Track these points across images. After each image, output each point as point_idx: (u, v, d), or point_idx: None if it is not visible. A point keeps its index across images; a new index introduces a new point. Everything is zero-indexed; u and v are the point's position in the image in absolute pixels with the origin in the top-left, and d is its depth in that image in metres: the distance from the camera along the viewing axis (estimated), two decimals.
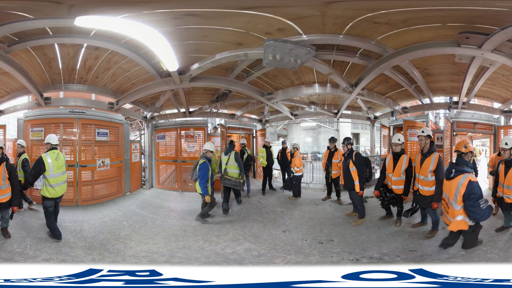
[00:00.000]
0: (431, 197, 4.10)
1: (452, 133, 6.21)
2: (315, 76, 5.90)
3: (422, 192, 4.19)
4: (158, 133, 7.45)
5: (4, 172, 4.00)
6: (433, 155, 4.10)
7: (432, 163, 4.08)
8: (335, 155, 6.23)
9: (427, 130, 4.32)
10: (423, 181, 4.16)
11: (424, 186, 4.16)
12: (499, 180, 4.22)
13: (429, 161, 4.13)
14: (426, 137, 4.25)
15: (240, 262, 3.58)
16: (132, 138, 9.22)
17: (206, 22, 3.84)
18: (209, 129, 7.43)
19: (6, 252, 3.67)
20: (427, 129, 4.35)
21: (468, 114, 6.40)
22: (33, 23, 3.53)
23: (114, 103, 6.16)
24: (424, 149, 4.22)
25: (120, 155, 6.60)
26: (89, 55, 4.74)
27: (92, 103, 6.38)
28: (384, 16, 3.63)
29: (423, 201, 4.20)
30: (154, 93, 6.08)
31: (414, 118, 7.25)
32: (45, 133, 5.80)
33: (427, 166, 4.12)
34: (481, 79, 5.13)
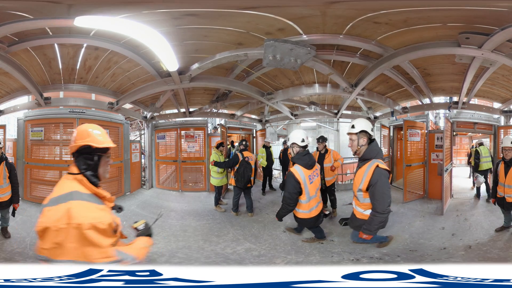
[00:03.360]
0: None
1: (452, 133, 6.21)
2: (315, 76, 5.89)
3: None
4: (158, 133, 7.45)
5: (4, 170, 4.01)
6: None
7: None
8: (326, 158, 5.37)
9: (360, 124, 3.08)
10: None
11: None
12: (499, 180, 4.23)
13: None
14: (358, 135, 3.06)
15: (240, 262, 3.58)
16: (132, 138, 9.22)
17: (206, 22, 3.83)
18: (209, 129, 7.43)
19: (6, 252, 3.67)
20: (361, 122, 3.12)
21: (468, 114, 6.41)
22: (33, 23, 3.53)
23: (114, 103, 6.15)
24: (358, 153, 3.11)
25: (120, 155, 6.60)
26: (89, 55, 4.74)
27: (92, 103, 6.38)
28: (385, 16, 3.63)
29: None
30: (154, 93, 6.08)
31: (414, 118, 7.26)
32: (45, 133, 5.80)
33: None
34: (481, 79, 5.13)
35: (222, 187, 5.96)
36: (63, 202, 1.52)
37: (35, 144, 5.85)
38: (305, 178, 3.58)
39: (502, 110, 6.36)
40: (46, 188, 5.71)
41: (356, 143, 3.09)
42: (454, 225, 4.60)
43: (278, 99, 6.44)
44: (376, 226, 3.00)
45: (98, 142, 1.72)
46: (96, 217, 1.54)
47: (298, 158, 3.64)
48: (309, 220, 3.74)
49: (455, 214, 5.06)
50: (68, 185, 1.62)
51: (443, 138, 5.51)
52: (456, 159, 11.35)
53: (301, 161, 3.62)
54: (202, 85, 5.86)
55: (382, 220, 2.96)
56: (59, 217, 1.48)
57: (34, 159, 5.83)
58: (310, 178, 3.63)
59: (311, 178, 3.64)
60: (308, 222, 3.78)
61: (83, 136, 1.71)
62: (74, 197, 1.55)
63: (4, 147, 4.54)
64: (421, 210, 5.41)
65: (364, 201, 3.06)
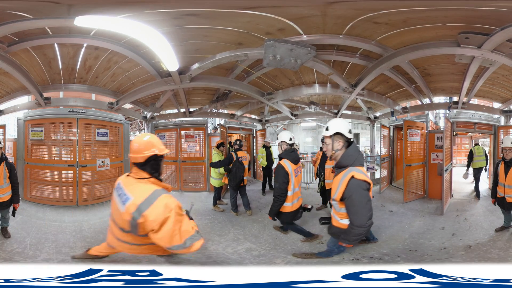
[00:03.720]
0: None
1: (452, 133, 6.21)
2: (315, 76, 5.90)
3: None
4: (158, 133, 7.45)
5: (4, 170, 4.02)
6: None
7: None
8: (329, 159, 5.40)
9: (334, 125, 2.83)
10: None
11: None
12: (499, 180, 4.23)
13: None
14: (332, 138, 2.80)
15: (240, 262, 3.58)
16: (132, 138, 9.22)
17: (207, 22, 3.84)
18: (209, 129, 7.42)
19: (6, 252, 3.67)
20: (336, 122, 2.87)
21: (468, 114, 6.41)
22: (33, 23, 3.53)
23: (114, 103, 6.16)
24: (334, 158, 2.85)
25: (120, 155, 6.59)
26: (89, 55, 4.74)
27: (92, 103, 6.38)
28: (384, 16, 3.63)
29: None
30: (154, 93, 6.08)
31: (414, 118, 7.26)
32: (45, 133, 5.80)
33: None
34: (481, 79, 5.13)
35: (222, 187, 5.97)
36: (155, 200, 2.04)
37: (35, 144, 5.85)
38: (292, 171, 3.75)
39: (502, 110, 6.37)
40: (46, 188, 5.71)
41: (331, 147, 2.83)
42: (454, 225, 4.60)
43: (278, 99, 6.45)
44: (355, 238, 2.84)
45: (160, 150, 2.29)
46: (177, 202, 2.13)
47: (286, 154, 3.85)
48: (289, 215, 3.81)
49: (455, 214, 5.06)
50: (148, 187, 2.14)
51: (443, 138, 5.51)
52: (456, 159, 11.37)
53: (289, 156, 3.81)
54: (202, 85, 5.87)
55: (360, 233, 2.78)
56: (162, 210, 2.01)
57: (34, 159, 5.83)
58: (295, 172, 3.82)
59: (296, 173, 3.84)
60: (288, 216, 3.84)
61: (149, 147, 2.22)
62: (159, 194, 2.09)
63: (4, 147, 4.54)
64: (421, 210, 5.40)
65: (340, 210, 2.88)
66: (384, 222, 4.85)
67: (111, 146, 6.40)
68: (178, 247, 2.11)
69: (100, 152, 6.13)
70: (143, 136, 2.28)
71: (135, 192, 2.13)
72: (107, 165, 6.19)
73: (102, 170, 6.07)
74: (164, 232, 2.03)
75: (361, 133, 16.34)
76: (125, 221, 2.19)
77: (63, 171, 5.74)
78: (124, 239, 2.38)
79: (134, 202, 2.09)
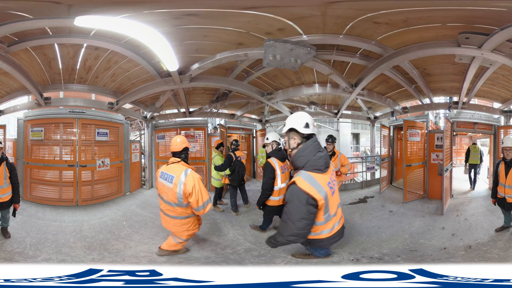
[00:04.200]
0: None
1: (452, 133, 6.21)
2: (315, 76, 5.90)
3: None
4: (158, 133, 7.45)
5: (5, 171, 4.02)
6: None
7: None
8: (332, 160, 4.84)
9: (289, 120, 2.69)
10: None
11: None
12: (500, 180, 4.23)
13: None
14: (288, 135, 2.72)
15: (240, 262, 3.58)
16: (132, 138, 9.22)
17: (206, 22, 3.84)
18: (209, 129, 7.43)
19: (6, 252, 3.68)
20: (292, 117, 2.72)
21: (468, 114, 6.40)
22: (33, 23, 3.53)
23: (114, 103, 6.15)
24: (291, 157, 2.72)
25: (120, 155, 6.60)
26: (89, 55, 4.74)
27: (92, 103, 6.38)
28: (385, 16, 3.63)
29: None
30: (154, 93, 6.08)
31: (414, 118, 7.26)
32: (45, 133, 5.80)
33: None
34: (481, 79, 5.13)
35: (223, 187, 5.97)
36: (187, 174, 3.24)
37: (35, 144, 5.85)
38: (278, 167, 4.04)
39: (502, 110, 6.36)
40: (46, 188, 5.71)
41: (287, 145, 2.62)
42: (454, 225, 4.60)
43: (278, 99, 6.45)
44: (279, 244, 2.86)
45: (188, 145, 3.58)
46: (198, 175, 3.31)
47: (274, 152, 4.18)
48: (275, 208, 4.10)
49: (455, 214, 5.06)
50: (181, 167, 3.32)
51: (443, 138, 5.51)
52: (456, 159, 11.38)
53: (276, 155, 4.12)
54: (202, 85, 5.86)
55: (284, 243, 2.71)
56: (192, 179, 3.20)
57: (34, 159, 5.83)
58: (282, 169, 4.09)
59: (283, 169, 4.12)
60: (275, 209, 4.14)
61: (184, 142, 3.52)
62: (189, 170, 3.30)
63: (4, 147, 4.54)
64: (421, 210, 5.41)
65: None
66: (384, 222, 4.86)
67: (111, 146, 6.41)
68: (199, 208, 3.25)
69: (100, 152, 6.13)
70: (179, 136, 3.59)
71: (175, 172, 3.31)
72: (107, 165, 6.19)
73: (102, 170, 6.07)
74: (195, 195, 3.19)
75: (361, 133, 16.34)
76: (174, 193, 3.29)
77: (63, 171, 5.75)
78: (174, 214, 3.43)
79: (177, 176, 3.27)
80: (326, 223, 2.74)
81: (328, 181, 2.58)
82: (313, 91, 6.24)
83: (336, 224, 2.89)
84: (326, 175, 2.57)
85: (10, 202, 4.10)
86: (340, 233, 2.98)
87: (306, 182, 2.43)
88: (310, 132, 2.58)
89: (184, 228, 3.46)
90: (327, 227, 2.79)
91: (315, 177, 2.47)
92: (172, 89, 5.82)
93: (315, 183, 2.45)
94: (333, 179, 2.72)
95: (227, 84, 5.71)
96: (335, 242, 3.03)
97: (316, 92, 6.30)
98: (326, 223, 2.74)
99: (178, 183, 3.23)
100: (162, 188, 3.40)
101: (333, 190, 2.68)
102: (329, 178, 2.61)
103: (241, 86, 5.80)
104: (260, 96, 6.22)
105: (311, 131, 2.58)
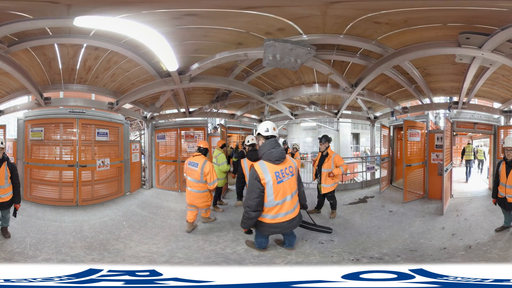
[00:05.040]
0: None
1: (452, 133, 6.21)
2: (315, 76, 5.89)
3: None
4: (158, 133, 7.45)
5: (6, 171, 4.02)
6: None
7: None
8: (325, 162, 4.95)
9: (258, 128, 3.60)
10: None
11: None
12: (500, 180, 4.23)
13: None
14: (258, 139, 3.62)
15: (240, 262, 3.58)
16: (132, 138, 9.22)
17: (206, 22, 3.83)
18: (209, 129, 7.42)
19: (6, 252, 3.68)
20: (260, 124, 3.60)
21: (468, 114, 6.40)
22: (33, 23, 3.53)
23: (114, 103, 6.15)
24: None
25: (120, 155, 6.60)
26: (89, 55, 4.74)
27: (92, 103, 6.38)
28: (385, 16, 3.63)
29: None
30: (154, 93, 6.08)
31: (414, 118, 7.26)
32: (45, 133, 5.80)
33: None
34: (481, 79, 5.13)
35: (223, 187, 5.97)
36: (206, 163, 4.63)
37: (35, 144, 5.85)
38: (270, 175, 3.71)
39: (502, 110, 6.36)
40: (46, 188, 5.71)
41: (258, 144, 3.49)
42: (454, 225, 4.60)
43: (278, 99, 6.44)
44: (244, 219, 3.37)
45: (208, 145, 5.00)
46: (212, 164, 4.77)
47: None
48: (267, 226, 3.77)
49: (455, 214, 5.06)
50: (202, 158, 4.71)
51: (443, 138, 5.51)
52: (456, 159, 11.40)
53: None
54: (202, 85, 5.86)
55: (246, 215, 3.32)
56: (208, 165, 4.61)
57: (34, 159, 5.83)
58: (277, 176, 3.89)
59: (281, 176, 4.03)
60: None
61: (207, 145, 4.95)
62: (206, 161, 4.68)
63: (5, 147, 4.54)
64: (421, 210, 5.41)
65: None
66: (384, 222, 4.86)
67: (111, 146, 6.41)
68: (211, 183, 4.63)
69: (100, 152, 6.13)
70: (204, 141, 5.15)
71: (199, 161, 4.68)
72: (107, 165, 6.19)
73: (102, 170, 6.07)
74: (210, 175, 4.60)
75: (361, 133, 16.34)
76: (198, 174, 4.62)
77: (63, 171, 5.75)
78: (196, 189, 4.68)
79: (200, 163, 4.63)
80: (270, 207, 3.34)
81: (276, 171, 3.31)
82: (313, 91, 6.24)
83: (281, 214, 3.39)
84: (277, 166, 3.32)
85: (10, 202, 4.10)
86: (284, 227, 3.45)
87: (259, 166, 3.30)
88: (269, 134, 3.44)
89: (204, 199, 4.73)
90: (271, 212, 3.36)
91: (266, 165, 3.31)
92: (172, 89, 5.82)
93: (264, 168, 3.29)
94: (285, 172, 3.37)
95: (227, 84, 5.71)
96: (274, 233, 3.59)
97: (316, 92, 6.30)
98: (270, 207, 3.34)
99: (201, 167, 4.61)
100: (190, 171, 4.71)
101: (280, 180, 3.33)
102: (278, 169, 3.32)
103: (241, 86, 5.79)
104: (260, 96, 6.22)
105: (270, 133, 3.44)
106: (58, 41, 4.23)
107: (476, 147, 11.07)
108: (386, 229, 4.59)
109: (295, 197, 3.48)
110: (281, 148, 3.39)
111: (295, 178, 3.48)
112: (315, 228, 4.29)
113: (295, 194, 3.48)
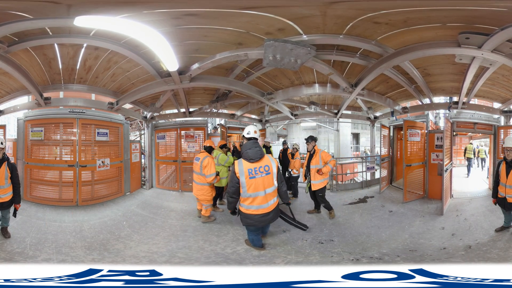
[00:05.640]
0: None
1: (452, 133, 6.21)
2: (315, 76, 5.90)
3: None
4: (158, 133, 7.45)
5: (6, 171, 4.01)
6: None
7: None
8: (313, 159, 5.10)
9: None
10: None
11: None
12: (500, 180, 4.23)
13: None
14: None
15: (240, 262, 3.58)
16: (132, 138, 9.22)
17: (206, 22, 3.83)
18: (209, 129, 7.42)
19: (6, 252, 3.68)
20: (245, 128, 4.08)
21: (468, 114, 6.40)
22: (33, 23, 3.53)
23: (114, 103, 6.15)
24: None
25: (120, 155, 6.60)
26: (89, 55, 4.74)
27: (92, 103, 6.38)
28: (385, 16, 3.63)
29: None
30: (154, 93, 6.08)
31: (414, 118, 7.26)
32: (45, 133, 5.80)
33: None
34: (481, 79, 5.13)
35: (223, 188, 5.97)
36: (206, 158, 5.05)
37: (35, 144, 5.85)
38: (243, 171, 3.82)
39: (502, 110, 6.36)
40: (46, 188, 5.71)
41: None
42: (454, 225, 4.60)
43: (278, 99, 6.44)
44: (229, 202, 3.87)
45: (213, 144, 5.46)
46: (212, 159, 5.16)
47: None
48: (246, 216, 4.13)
49: (455, 214, 5.06)
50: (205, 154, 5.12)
51: (443, 138, 5.51)
52: (456, 159, 11.49)
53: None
54: (202, 85, 5.86)
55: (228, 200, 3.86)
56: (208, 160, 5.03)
57: (34, 159, 5.83)
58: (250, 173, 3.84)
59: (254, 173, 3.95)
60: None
61: (212, 143, 5.40)
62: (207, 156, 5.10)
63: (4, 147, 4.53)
64: (421, 210, 5.41)
65: None
66: (384, 222, 4.86)
67: (111, 146, 6.41)
68: (208, 176, 4.94)
69: (100, 152, 6.13)
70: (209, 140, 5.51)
71: (201, 156, 5.10)
72: (107, 165, 6.19)
73: (102, 170, 6.08)
74: (208, 168, 4.95)
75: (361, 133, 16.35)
76: (198, 166, 5.05)
77: (63, 171, 5.75)
78: (199, 181, 5.09)
79: (201, 158, 5.06)
80: (244, 198, 3.75)
81: (250, 168, 3.70)
82: (313, 91, 6.24)
83: (253, 207, 3.73)
84: (252, 164, 3.71)
85: (10, 202, 4.10)
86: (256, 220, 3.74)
87: (237, 163, 3.77)
88: (250, 136, 3.95)
89: (203, 192, 5.06)
90: (245, 202, 3.76)
91: (243, 162, 3.74)
92: (172, 89, 5.82)
93: (240, 166, 3.73)
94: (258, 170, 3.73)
95: (227, 84, 5.71)
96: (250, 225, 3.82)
97: (316, 92, 6.30)
98: (244, 198, 3.75)
99: (201, 161, 5.03)
100: (194, 165, 5.18)
101: (253, 176, 3.71)
102: (252, 167, 3.71)
103: (241, 86, 5.79)
104: (260, 96, 6.22)
105: (251, 136, 3.95)
106: (58, 41, 4.23)
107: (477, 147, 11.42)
108: (386, 229, 4.60)
109: (269, 194, 3.75)
110: (257, 149, 3.76)
111: (271, 177, 3.78)
112: (292, 222, 4.54)
113: (270, 192, 3.74)
